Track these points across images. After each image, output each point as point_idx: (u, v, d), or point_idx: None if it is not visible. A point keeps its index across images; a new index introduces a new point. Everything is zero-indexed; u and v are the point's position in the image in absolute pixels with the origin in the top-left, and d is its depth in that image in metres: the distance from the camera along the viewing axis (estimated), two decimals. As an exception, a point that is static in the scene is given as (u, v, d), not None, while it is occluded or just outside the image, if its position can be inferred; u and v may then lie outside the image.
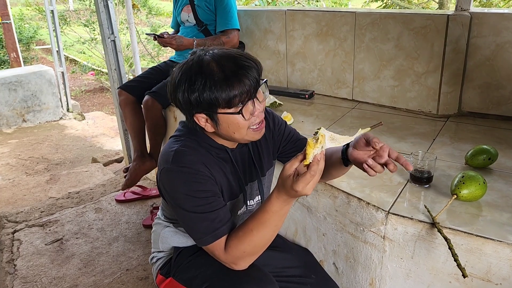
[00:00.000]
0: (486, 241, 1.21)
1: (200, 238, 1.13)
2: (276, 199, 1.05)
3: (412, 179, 1.52)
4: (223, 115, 1.10)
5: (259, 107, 1.13)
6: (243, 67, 1.07)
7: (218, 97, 1.05)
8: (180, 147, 1.16)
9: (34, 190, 3.20)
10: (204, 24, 2.62)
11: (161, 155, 1.20)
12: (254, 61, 1.11)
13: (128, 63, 7.54)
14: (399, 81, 2.32)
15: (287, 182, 1.00)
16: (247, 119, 1.11)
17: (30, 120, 4.98)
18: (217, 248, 1.12)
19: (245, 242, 1.10)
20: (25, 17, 11.14)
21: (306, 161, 1.00)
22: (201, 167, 1.13)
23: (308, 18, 2.57)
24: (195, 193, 1.11)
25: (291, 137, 1.40)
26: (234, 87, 1.05)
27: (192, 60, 1.10)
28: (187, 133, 1.22)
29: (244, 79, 1.06)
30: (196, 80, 1.06)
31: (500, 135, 1.96)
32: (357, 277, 1.51)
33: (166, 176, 1.15)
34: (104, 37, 3.08)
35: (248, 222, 1.11)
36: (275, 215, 1.06)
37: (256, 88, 1.10)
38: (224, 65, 1.06)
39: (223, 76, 1.05)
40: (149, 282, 2.04)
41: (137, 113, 2.57)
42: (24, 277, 2.10)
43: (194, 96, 1.07)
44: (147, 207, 2.72)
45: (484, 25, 2.04)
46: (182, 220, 1.16)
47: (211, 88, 1.05)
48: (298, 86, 2.76)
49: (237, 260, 1.12)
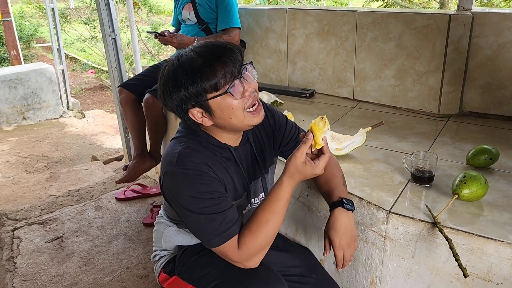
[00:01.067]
0: (487, 241, 1.21)
1: (210, 240, 1.12)
2: (287, 187, 1.11)
3: (413, 178, 1.52)
4: (214, 100, 1.10)
5: (248, 87, 1.13)
6: (221, 49, 1.10)
7: (204, 83, 1.07)
8: (184, 149, 1.15)
9: (34, 188, 3.20)
10: (205, 23, 2.62)
11: (164, 158, 1.19)
12: (232, 45, 1.13)
13: (129, 61, 7.54)
14: (400, 81, 2.32)
15: (305, 168, 1.09)
16: (238, 99, 1.11)
17: (30, 117, 4.98)
18: (230, 248, 1.11)
19: (260, 235, 1.10)
20: (25, 15, 11.14)
21: (318, 145, 1.10)
22: (206, 168, 1.13)
23: (310, 17, 2.57)
24: (202, 195, 1.10)
25: (293, 133, 1.39)
26: (216, 68, 1.07)
27: (171, 61, 1.13)
28: (189, 134, 1.21)
29: (224, 59, 1.08)
30: (177, 74, 1.09)
31: (501, 135, 1.96)
32: (358, 277, 1.51)
33: (170, 179, 1.14)
34: (104, 35, 3.07)
35: (260, 214, 1.12)
36: (287, 202, 1.13)
37: (239, 67, 1.11)
38: (202, 51, 1.09)
39: (203, 60, 1.07)
40: (149, 280, 2.04)
41: (137, 111, 2.56)
42: (24, 275, 2.10)
43: (182, 92, 1.09)
44: (147, 205, 2.71)
45: (486, 25, 2.03)
46: (189, 222, 1.15)
47: (194, 75, 1.07)
48: (299, 85, 2.75)
49: (252, 257, 1.12)
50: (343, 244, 1.19)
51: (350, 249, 1.21)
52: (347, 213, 1.22)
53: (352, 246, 1.22)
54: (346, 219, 1.21)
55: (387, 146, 1.87)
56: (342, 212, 1.21)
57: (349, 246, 1.20)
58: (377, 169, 1.66)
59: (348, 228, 1.21)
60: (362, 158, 1.76)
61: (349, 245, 1.20)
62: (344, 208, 1.22)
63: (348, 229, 1.21)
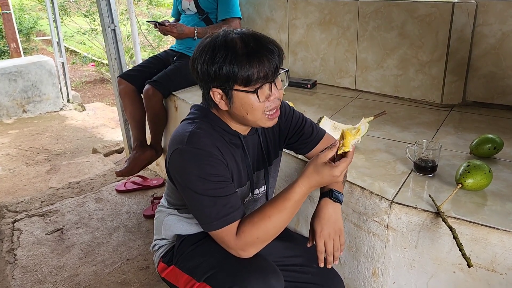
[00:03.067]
0: (492, 230, 1.19)
1: (210, 222, 1.11)
2: (300, 188, 1.09)
3: (416, 168, 1.50)
4: (238, 92, 1.10)
5: (276, 93, 1.14)
6: (266, 48, 1.09)
7: (237, 72, 1.06)
8: (195, 128, 1.15)
9: (35, 180, 3.19)
10: (206, 13, 2.58)
11: (173, 137, 1.18)
12: (278, 47, 1.12)
13: (129, 54, 7.50)
14: (403, 70, 2.29)
15: (324, 168, 1.06)
16: (261, 101, 1.11)
17: (30, 110, 4.96)
18: (228, 233, 1.11)
19: (260, 228, 1.09)
20: (25, 8, 11.07)
21: (346, 148, 1.08)
22: (215, 150, 1.13)
23: (311, 7, 2.53)
24: (208, 176, 1.10)
25: (299, 125, 1.37)
26: (254, 66, 1.06)
27: (219, 35, 1.12)
28: (201, 116, 1.21)
29: (264, 60, 1.07)
30: (218, 52, 1.08)
31: (505, 124, 1.93)
32: (360, 267, 1.49)
33: (179, 156, 1.13)
34: (104, 26, 3.04)
35: (266, 208, 1.11)
36: (296, 203, 1.10)
37: (275, 73, 1.11)
38: (248, 42, 1.08)
39: (246, 52, 1.07)
40: (149, 271, 2.03)
41: (137, 102, 2.54)
42: (24, 267, 2.10)
43: (213, 68, 1.08)
44: (147, 197, 2.70)
45: (490, 13, 2.00)
46: (191, 203, 1.14)
47: (232, 62, 1.06)
48: (300, 75, 2.73)
49: (247, 247, 1.11)
50: (325, 234, 1.18)
51: (334, 242, 1.20)
52: (333, 204, 1.21)
53: (337, 240, 1.20)
54: (332, 210, 1.21)
55: (390, 136, 1.85)
56: (328, 203, 1.21)
57: (331, 238, 1.19)
58: (379, 159, 1.64)
59: (332, 219, 1.20)
60: (364, 148, 1.74)
61: (331, 237, 1.19)
62: (330, 199, 1.21)
63: (331, 220, 1.20)
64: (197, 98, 2.38)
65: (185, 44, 2.64)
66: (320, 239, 1.19)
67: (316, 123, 1.44)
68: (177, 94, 2.49)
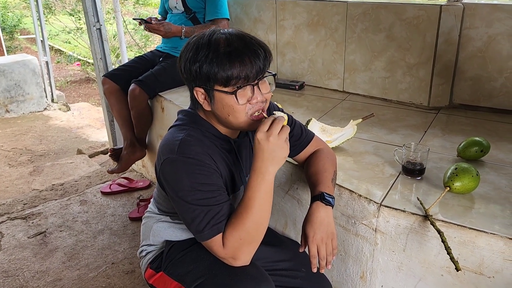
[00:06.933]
0: (479, 233, 1.19)
1: (201, 232, 1.08)
2: (257, 175, 1.06)
3: (404, 171, 1.50)
4: (219, 93, 1.08)
5: (258, 97, 1.10)
6: (250, 50, 1.06)
7: (216, 71, 1.04)
8: (186, 136, 1.12)
9: (17, 182, 3.12)
10: (193, 12, 2.56)
11: (163, 145, 1.14)
12: (265, 49, 1.09)
13: (115, 54, 7.40)
14: (391, 73, 2.29)
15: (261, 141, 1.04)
16: (241, 104, 1.08)
17: (13, 110, 4.86)
18: (216, 243, 1.08)
19: (239, 228, 1.06)
20: (8, 5, 10.86)
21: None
22: (207, 159, 1.10)
23: (299, 8, 2.52)
24: (200, 186, 1.07)
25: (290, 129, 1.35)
26: (234, 66, 1.04)
27: (205, 34, 1.10)
28: (190, 122, 1.18)
29: (246, 61, 1.05)
30: (201, 50, 1.06)
31: (491, 127, 1.95)
32: (348, 270, 1.49)
33: (170, 166, 1.10)
34: (89, 25, 2.99)
35: (239, 207, 1.09)
36: (264, 192, 1.06)
37: (258, 75, 1.08)
38: (232, 42, 1.06)
39: (228, 51, 1.04)
40: (135, 275, 2.00)
41: (122, 101, 2.50)
42: (6, 271, 2.04)
43: (195, 67, 1.07)
44: (133, 199, 2.66)
45: (477, 16, 2.02)
46: (182, 213, 1.11)
47: (212, 61, 1.04)
48: (288, 77, 2.71)
49: (236, 252, 1.08)
50: (317, 239, 1.17)
51: (327, 246, 1.18)
52: (325, 207, 1.20)
53: (329, 244, 1.18)
54: (323, 214, 1.19)
55: (378, 139, 1.85)
56: (320, 206, 1.19)
57: (324, 242, 1.17)
58: (367, 161, 1.64)
59: (324, 223, 1.18)
60: (353, 151, 1.73)
61: (324, 241, 1.17)
62: (322, 202, 1.19)
63: (324, 224, 1.18)
64: (184, 99, 2.35)
65: (171, 43, 2.61)
66: (313, 243, 1.17)
67: (304, 125, 1.43)
68: (164, 95, 2.46)
